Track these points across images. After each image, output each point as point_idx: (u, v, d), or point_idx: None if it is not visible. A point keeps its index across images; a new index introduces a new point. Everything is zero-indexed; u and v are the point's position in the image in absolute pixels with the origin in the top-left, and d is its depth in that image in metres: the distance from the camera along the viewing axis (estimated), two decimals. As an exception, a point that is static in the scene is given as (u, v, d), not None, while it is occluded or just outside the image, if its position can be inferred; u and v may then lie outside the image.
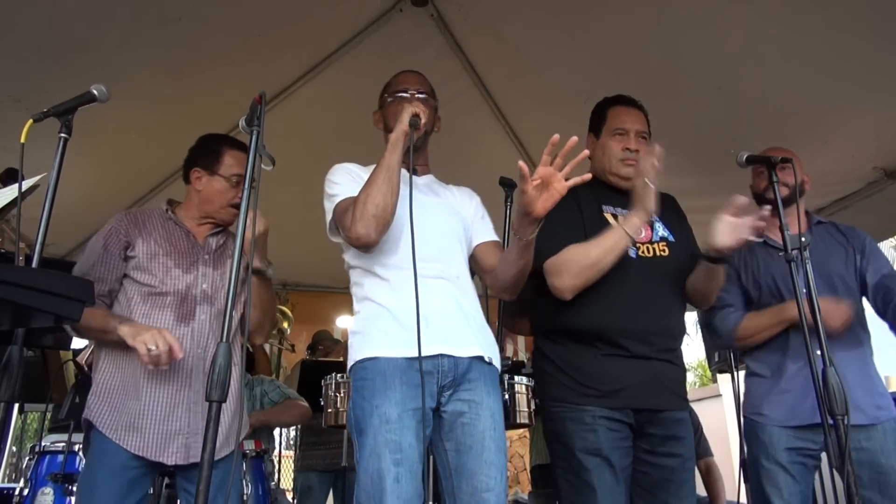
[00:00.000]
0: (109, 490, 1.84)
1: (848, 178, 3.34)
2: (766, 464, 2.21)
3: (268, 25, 2.79)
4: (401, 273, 1.78)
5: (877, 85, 2.82)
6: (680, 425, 2.03)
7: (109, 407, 1.92)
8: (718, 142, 3.17)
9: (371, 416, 1.65)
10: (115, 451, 1.88)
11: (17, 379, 1.28)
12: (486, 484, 1.67)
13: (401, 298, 1.76)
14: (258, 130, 1.46)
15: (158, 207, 2.18)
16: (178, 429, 1.94)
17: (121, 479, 1.87)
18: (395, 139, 1.77)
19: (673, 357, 2.08)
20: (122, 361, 1.95)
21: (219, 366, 1.31)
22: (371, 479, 1.60)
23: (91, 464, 1.92)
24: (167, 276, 2.02)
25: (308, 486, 3.99)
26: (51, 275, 1.12)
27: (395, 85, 2.05)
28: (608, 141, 2.19)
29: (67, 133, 1.48)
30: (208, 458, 1.26)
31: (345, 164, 1.95)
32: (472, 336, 1.81)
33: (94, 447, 1.92)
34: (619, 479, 1.93)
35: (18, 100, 2.78)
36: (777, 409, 2.25)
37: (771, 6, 2.50)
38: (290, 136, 3.21)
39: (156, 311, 1.99)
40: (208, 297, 2.06)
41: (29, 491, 2.12)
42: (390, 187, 1.72)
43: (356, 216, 1.71)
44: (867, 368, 2.24)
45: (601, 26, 2.79)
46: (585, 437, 1.95)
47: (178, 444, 1.93)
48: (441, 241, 1.88)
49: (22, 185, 1.36)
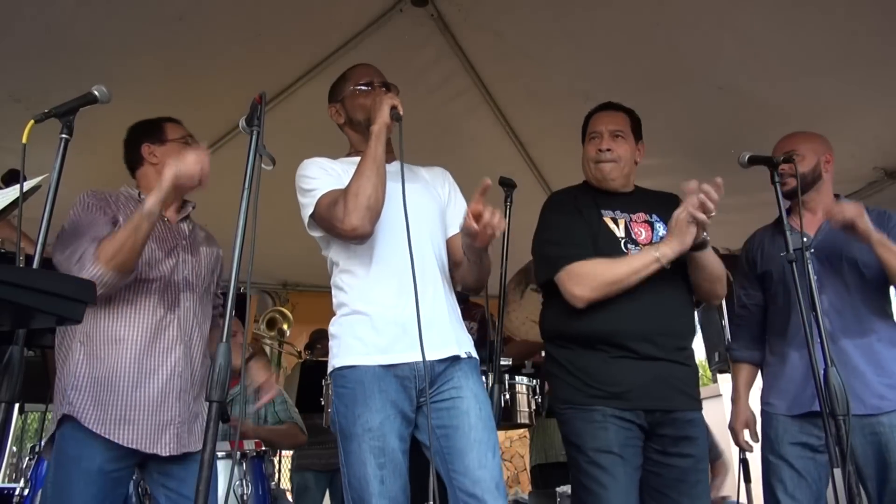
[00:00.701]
0: (85, 497, 1.76)
1: (849, 178, 3.34)
2: (771, 458, 2.23)
3: (268, 25, 2.79)
4: (381, 271, 1.80)
5: (877, 86, 2.82)
6: (692, 426, 2.02)
7: (93, 401, 1.83)
8: (719, 141, 3.17)
9: (354, 426, 1.69)
10: (91, 455, 1.80)
11: (17, 379, 1.28)
12: (478, 461, 1.68)
13: (379, 303, 1.78)
14: (258, 130, 1.46)
15: (123, 189, 2.10)
16: (169, 419, 1.90)
17: (98, 483, 1.79)
18: (378, 131, 1.78)
19: (682, 357, 2.08)
20: (102, 353, 1.88)
21: (219, 366, 1.31)
22: (359, 483, 1.66)
23: (63, 468, 1.80)
24: (151, 259, 1.96)
25: (304, 486, 4.01)
26: (52, 275, 1.12)
27: (356, 78, 2.04)
28: (586, 147, 2.25)
29: (69, 134, 1.48)
30: (208, 459, 1.26)
31: (314, 158, 1.94)
32: (449, 336, 1.82)
33: (66, 451, 1.82)
34: (632, 476, 1.94)
35: (18, 100, 2.78)
36: (782, 398, 2.26)
37: (771, 8, 2.50)
38: (290, 135, 3.21)
39: (141, 297, 1.93)
40: (190, 283, 2.03)
41: (29, 491, 2.12)
42: (379, 178, 1.74)
43: (349, 208, 1.71)
44: (875, 357, 2.18)
45: (601, 26, 2.79)
46: (596, 436, 1.96)
47: (170, 435, 1.89)
48: (423, 233, 1.86)
49: (23, 185, 1.36)
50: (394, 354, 1.73)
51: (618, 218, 2.18)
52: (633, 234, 2.15)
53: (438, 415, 1.73)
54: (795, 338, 2.25)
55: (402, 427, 1.70)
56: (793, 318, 2.27)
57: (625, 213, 2.20)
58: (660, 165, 3.22)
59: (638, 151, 2.26)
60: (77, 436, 1.81)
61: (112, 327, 1.90)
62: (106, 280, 1.79)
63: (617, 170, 2.17)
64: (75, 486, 1.77)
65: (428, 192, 1.99)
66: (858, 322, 2.20)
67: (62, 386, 1.87)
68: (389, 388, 1.71)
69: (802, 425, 2.19)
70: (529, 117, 3.50)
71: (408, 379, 1.74)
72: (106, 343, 1.87)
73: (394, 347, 1.74)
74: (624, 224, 2.17)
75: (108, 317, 1.90)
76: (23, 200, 1.37)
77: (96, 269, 1.77)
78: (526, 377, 2.58)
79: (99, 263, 1.77)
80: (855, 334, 2.19)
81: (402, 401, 1.72)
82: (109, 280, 1.79)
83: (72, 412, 1.82)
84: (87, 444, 1.80)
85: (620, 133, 2.20)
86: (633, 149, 2.22)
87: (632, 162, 2.23)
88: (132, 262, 1.83)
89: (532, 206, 2.32)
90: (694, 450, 2.00)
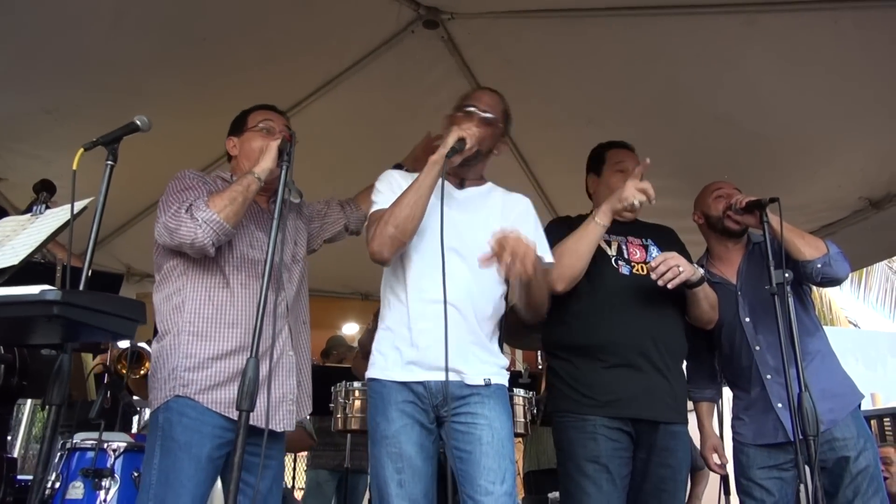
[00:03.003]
0: (196, 483, 1.78)
1: (835, 206, 3.47)
2: (743, 481, 2.37)
3: (285, 45, 2.90)
4: (414, 296, 1.89)
5: (863, 121, 2.94)
6: (675, 437, 2.15)
7: (209, 380, 1.85)
8: (714, 167, 3.27)
9: (375, 432, 1.84)
10: (201, 442, 1.82)
11: (66, 385, 1.41)
12: (485, 488, 1.76)
13: (403, 323, 1.88)
14: (287, 166, 1.58)
15: (219, 174, 2.14)
16: (283, 394, 1.96)
17: (207, 470, 1.82)
18: (433, 161, 1.83)
19: (671, 374, 2.19)
20: (215, 333, 1.90)
21: (249, 378, 1.44)
22: (379, 485, 1.79)
23: (171, 454, 1.80)
24: (254, 241, 2.00)
25: (317, 483, 4.18)
26: (107, 296, 1.25)
27: (468, 98, 2.11)
28: (611, 178, 2.38)
29: (114, 160, 1.60)
30: (238, 461, 1.40)
31: (391, 171, 2.05)
32: (467, 362, 1.86)
33: (175, 437, 1.81)
34: (616, 486, 2.06)
35: (49, 112, 2.89)
36: (747, 428, 2.40)
37: (766, 46, 2.62)
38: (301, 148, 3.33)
39: (252, 280, 1.95)
40: (287, 265, 2.08)
41: (60, 484, 2.25)
42: (413, 211, 1.81)
43: (376, 233, 1.83)
44: (816, 376, 2.21)
45: (604, 53, 2.89)
46: (586, 445, 2.10)
47: (285, 410, 1.96)
48: (468, 261, 1.89)
49: (74, 207, 1.49)
50: (407, 373, 1.86)
51: (611, 240, 2.32)
52: (627, 254, 2.28)
53: (456, 436, 1.82)
54: (753, 374, 2.39)
55: (421, 436, 1.81)
56: (742, 363, 2.42)
57: (620, 236, 2.34)
58: (658, 188, 3.33)
59: None
60: (185, 421, 1.83)
61: (222, 307, 1.94)
62: (216, 226, 1.81)
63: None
64: (186, 472, 1.79)
65: (486, 221, 1.97)
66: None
67: (169, 368, 1.87)
68: (405, 401, 1.83)
69: (770, 452, 2.33)
70: (534, 137, 3.60)
71: (423, 396, 1.85)
72: (219, 326, 1.91)
73: (409, 366, 1.86)
74: (617, 245, 2.32)
75: (216, 293, 1.95)
76: (73, 221, 1.49)
77: (209, 213, 1.81)
78: (523, 388, 2.71)
79: (211, 209, 1.82)
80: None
81: (417, 413, 1.83)
82: (219, 227, 1.82)
83: (186, 392, 1.84)
84: (195, 433, 1.82)
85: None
86: None
87: None
88: (238, 217, 1.86)
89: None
90: (673, 461, 2.13)
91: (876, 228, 3.51)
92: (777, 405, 2.28)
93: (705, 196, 2.57)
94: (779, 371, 2.22)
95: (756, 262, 2.45)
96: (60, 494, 2.21)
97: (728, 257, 2.52)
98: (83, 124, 2.33)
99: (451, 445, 1.81)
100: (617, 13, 2.67)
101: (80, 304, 1.20)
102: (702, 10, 2.56)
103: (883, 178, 3.32)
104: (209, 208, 1.82)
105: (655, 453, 2.12)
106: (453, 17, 2.86)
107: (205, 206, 1.83)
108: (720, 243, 2.54)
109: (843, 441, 2.24)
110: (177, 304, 1.94)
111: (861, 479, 2.18)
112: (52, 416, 1.39)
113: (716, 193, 2.52)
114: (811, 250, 2.26)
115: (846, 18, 2.43)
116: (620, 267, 2.25)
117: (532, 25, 2.82)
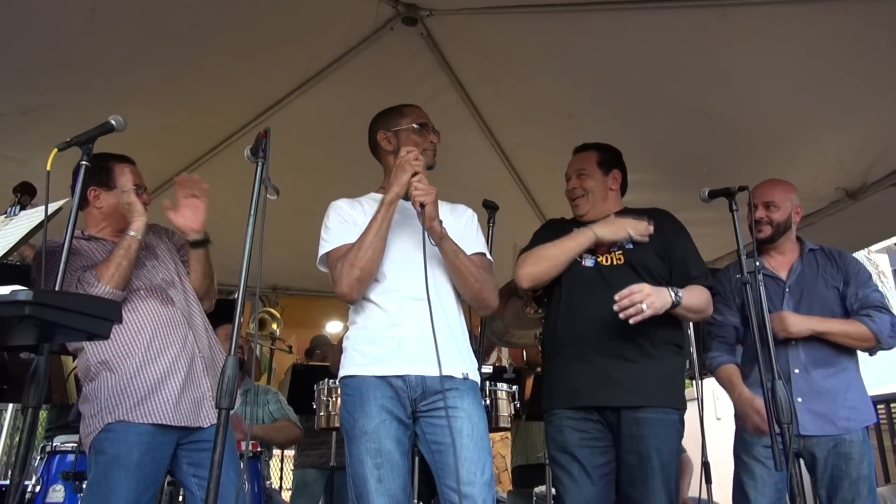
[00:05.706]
0: (128, 491, 1.89)
1: (813, 198, 3.50)
2: (744, 458, 2.42)
3: (262, 42, 2.88)
4: (387, 297, 1.94)
5: (839, 111, 2.98)
6: (642, 424, 2.12)
7: (132, 399, 2.01)
8: (692, 159, 3.34)
9: (353, 429, 1.85)
10: (128, 452, 1.94)
11: (43, 387, 1.40)
12: (467, 478, 1.79)
13: (380, 321, 1.92)
14: (263, 162, 1.58)
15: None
16: (203, 392, 2.11)
17: (137, 477, 1.92)
18: (390, 201, 1.89)
19: (641, 359, 2.18)
20: (118, 359, 2.06)
21: (228, 376, 1.44)
22: (358, 482, 1.81)
23: (101, 466, 1.94)
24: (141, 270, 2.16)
25: (304, 482, 4.16)
26: (81, 297, 1.24)
27: (415, 115, 2.13)
28: None
29: (89, 161, 1.59)
30: (218, 460, 1.39)
31: (337, 203, 2.07)
32: (445, 356, 1.86)
33: (104, 451, 1.95)
34: (590, 475, 2.15)
35: (24, 112, 2.86)
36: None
37: (740, 38, 2.65)
38: (282, 145, 3.31)
39: (138, 301, 2.12)
40: (168, 282, 2.22)
41: (41, 488, 2.24)
42: (375, 252, 1.88)
43: (342, 275, 1.88)
44: (844, 385, 2.41)
45: (582, 47, 2.91)
46: (555, 437, 2.23)
47: (207, 406, 2.10)
48: (436, 261, 1.96)
49: (48, 208, 1.48)
50: (387, 367, 1.88)
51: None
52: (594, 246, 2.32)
53: (433, 430, 1.86)
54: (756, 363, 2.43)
55: (398, 431, 1.84)
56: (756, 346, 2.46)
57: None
58: (638, 181, 3.36)
59: (613, 179, 2.45)
60: (111, 436, 1.97)
61: (120, 334, 2.08)
62: (110, 297, 2.00)
63: (587, 203, 2.41)
64: (115, 480, 1.91)
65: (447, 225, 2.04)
66: (829, 356, 2.42)
67: (100, 400, 2.02)
68: (384, 396, 1.85)
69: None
70: (514, 132, 3.62)
71: (401, 389, 1.87)
72: (123, 354, 2.07)
73: (388, 360, 1.88)
74: None
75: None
76: (47, 223, 1.48)
77: (100, 287, 1.99)
78: (506, 383, 2.73)
79: (101, 283, 2.00)
80: (825, 366, 2.41)
81: (395, 408, 1.86)
82: (112, 296, 2.01)
83: (113, 419, 1.97)
84: (122, 441, 1.96)
85: (584, 171, 2.43)
86: (601, 179, 2.42)
87: (604, 190, 2.42)
88: (126, 279, 2.08)
89: (516, 215, 2.51)
90: (642, 447, 2.11)
91: (854, 219, 3.56)
92: (797, 399, 2.33)
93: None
94: (807, 368, 2.38)
95: (811, 266, 2.56)
96: (41, 498, 2.19)
97: (783, 253, 2.61)
98: (59, 124, 2.30)
99: (429, 440, 1.86)
100: (594, 8, 2.70)
101: (52, 303, 1.18)
102: (677, 4, 2.59)
103: (859, 169, 3.36)
104: (100, 283, 1.98)
105: (623, 440, 2.16)
106: (432, 13, 2.87)
107: (95, 282, 1.98)
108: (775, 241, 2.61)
109: (850, 443, 2.34)
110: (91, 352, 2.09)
111: (861, 485, 2.28)
112: (28, 418, 1.38)
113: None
114: (862, 343, 2.42)
115: (819, 10, 2.46)
116: (584, 260, 2.31)
117: (510, 21, 2.83)
